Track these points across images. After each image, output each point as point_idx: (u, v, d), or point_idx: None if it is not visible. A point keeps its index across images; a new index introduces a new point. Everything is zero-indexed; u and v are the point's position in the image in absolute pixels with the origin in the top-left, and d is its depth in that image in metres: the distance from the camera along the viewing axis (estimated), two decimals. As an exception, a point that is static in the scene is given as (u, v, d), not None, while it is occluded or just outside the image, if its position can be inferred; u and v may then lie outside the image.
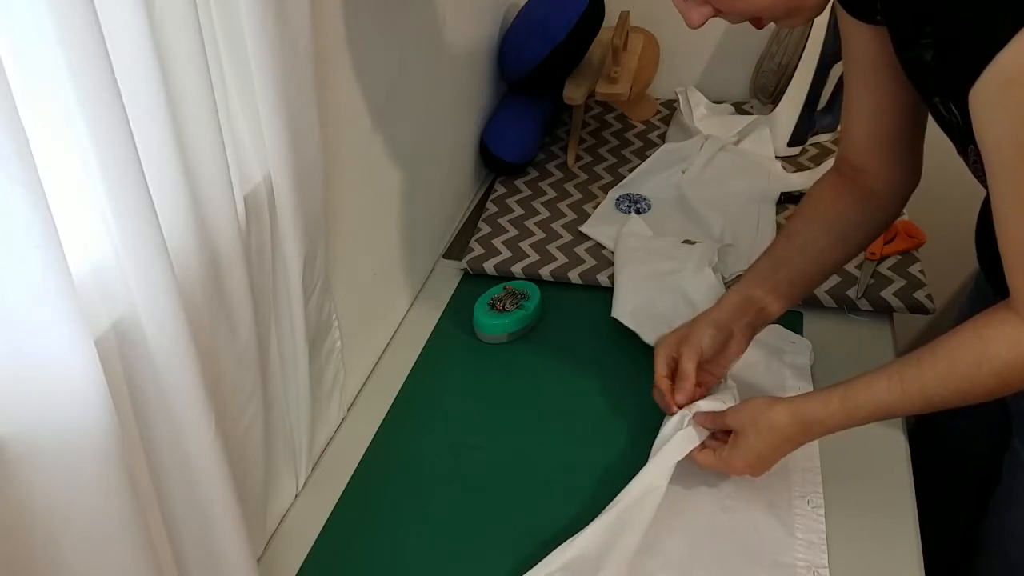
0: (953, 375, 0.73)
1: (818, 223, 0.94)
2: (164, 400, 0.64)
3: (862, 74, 0.86)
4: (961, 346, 0.73)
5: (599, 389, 1.06)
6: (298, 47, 0.75)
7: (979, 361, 0.72)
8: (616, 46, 1.39)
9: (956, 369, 0.73)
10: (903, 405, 0.77)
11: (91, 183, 0.53)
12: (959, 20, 0.61)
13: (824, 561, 0.83)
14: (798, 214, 0.97)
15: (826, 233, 0.94)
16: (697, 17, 0.73)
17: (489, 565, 0.86)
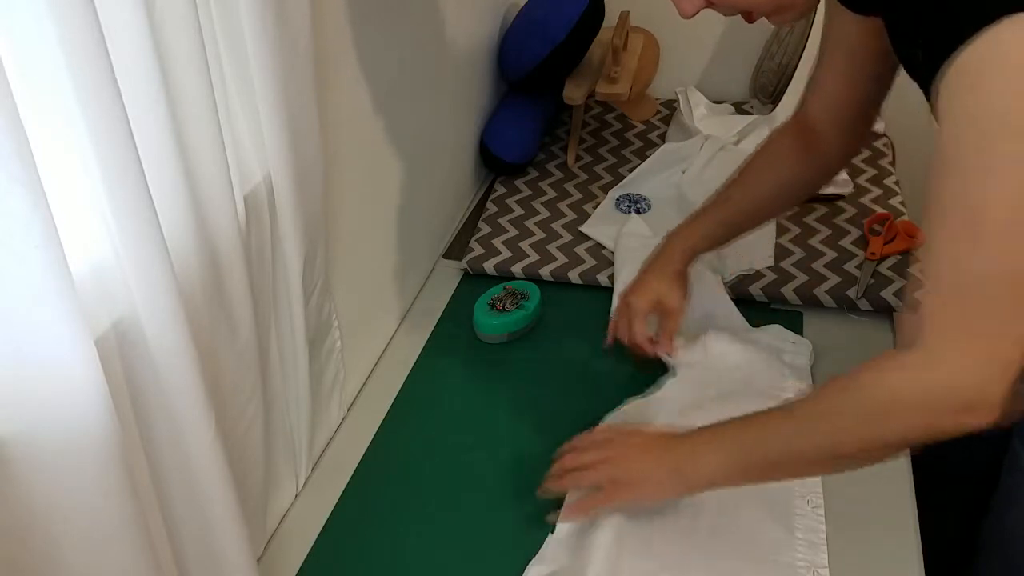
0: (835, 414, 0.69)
1: (773, 179, 1.01)
2: (164, 400, 0.64)
3: (839, 54, 0.89)
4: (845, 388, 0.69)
5: (599, 389, 1.06)
6: (298, 47, 0.75)
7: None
8: (616, 46, 1.39)
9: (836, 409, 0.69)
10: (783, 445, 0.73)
11: (91, 183, 0.53)
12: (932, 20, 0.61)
13: (824, 561, 0.83)
14: (752, 168, 1.02)
15: (779, 188, 1.01)
16: (689, 8, 0.73)
17: (489, 565, 0.86)
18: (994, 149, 0.56)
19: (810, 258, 1.21)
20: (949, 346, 0.61)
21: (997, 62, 0.55)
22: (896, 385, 0.65)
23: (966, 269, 0.60)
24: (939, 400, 0.62)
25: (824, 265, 1.20)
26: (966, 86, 0.57)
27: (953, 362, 0.61)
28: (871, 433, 0.67)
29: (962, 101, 0.58)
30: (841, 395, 0.69)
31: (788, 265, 1.20)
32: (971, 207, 0.58)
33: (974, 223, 0.58)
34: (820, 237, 1.25)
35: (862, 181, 1.36)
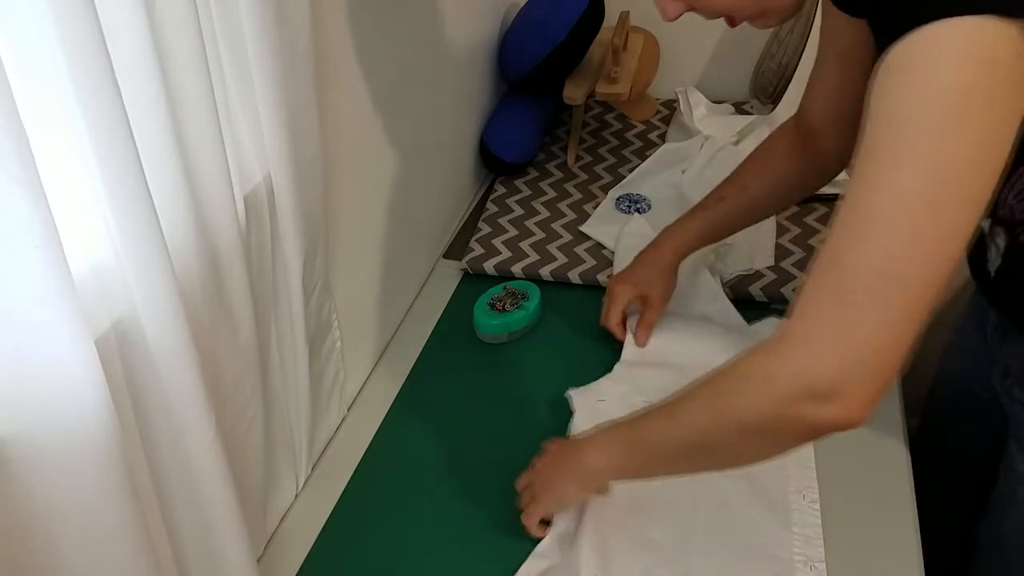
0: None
1: (771, 178, 1.01)
2: (164, 400, 0.64)
3: (834, 56, 0.89)
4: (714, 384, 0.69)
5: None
6: (298, 47, 0.75)
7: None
8: (616, 46, 1.39)
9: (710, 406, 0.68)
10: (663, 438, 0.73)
11: (91, 183, 0.53)
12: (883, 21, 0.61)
13: (821, 555, 0.83)
14: (750, 167, 1.03)
15: (775, 188, 1.01)
16: (672, 10, 0.74)
17: (489, 565, 0.86)
18: (913, 141, 0.56)
19: (810, 258, 1.21)
20: (806, 332, 0.60)
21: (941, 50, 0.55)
22: (751, 366, 0.64)
23: (840, 260, 0.59)
24: (787, 384, 0.61)
25: (824, 265, 1.19)
26: (885, 78, 0.58)
27: (806, 348, 0.60)
28: (724, 415, 0.66)
29: (879, 92, 0.58)
30: (704, 381, 0.69)
31: (788, 265, 1.20)
32: (859, 201, 0.58)
33: (860, 213, 0.58)
34: (820, 237, 1.25)
35: (862, 181, 1.36)
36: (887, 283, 0.57)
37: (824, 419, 0.60)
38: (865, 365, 0.58)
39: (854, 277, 0.58)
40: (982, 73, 0.54)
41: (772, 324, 1.09)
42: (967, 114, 0.55)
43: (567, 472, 0.83)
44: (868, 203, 0.58)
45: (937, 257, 0.57)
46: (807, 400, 0.60)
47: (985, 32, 0.53)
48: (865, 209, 0.58)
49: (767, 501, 0.88)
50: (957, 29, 0.54)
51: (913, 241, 0.57)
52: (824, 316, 0.59)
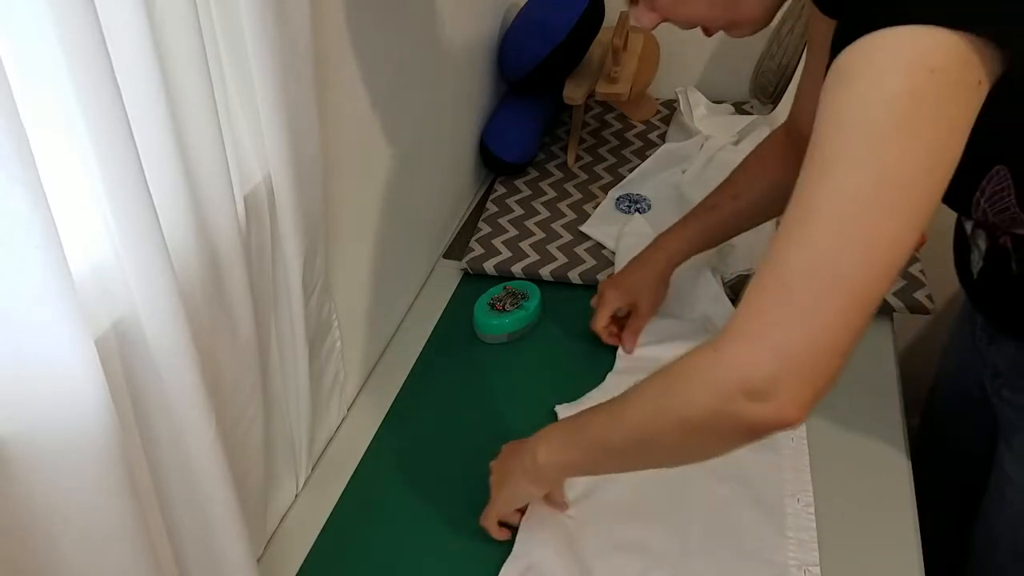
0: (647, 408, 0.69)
1: (762, 186, 1.01)
2: (164, 400, 0.64)
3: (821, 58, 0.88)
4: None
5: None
6: (298, 47, 0.75)
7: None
8: (616, 46, 1.39)
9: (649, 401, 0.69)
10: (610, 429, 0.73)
11: (91, 183, 0.53)
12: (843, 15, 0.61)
13: (815, 559, 0.83)
14: (742, 174, 1.04)
15: (767, 196, 1.00)
16: (647, 20, 0.75)
17: (489, 565, 0.86)
18: (850, 145, 0.57)
19: (810, 258, 1.21)
20: (746, 331, 0.60)
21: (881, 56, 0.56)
22: (695, 362, 0.64)
23: (781, 259, 0.59)
24: (725, 381, 0.60)
25: (824, 265, 1.19)
26: (833, 80, 0.58)
27: (745, 346, 0.60)
28: (664, 413, 0.66)
29: (827, 94, 0.59)
30: (654, 377, 0.69)
31: (788, 265, 1.20)
32: (801, 201, 0.59)
33: (806, 217, 0.58)
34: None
35: (862, 181, 1.36)
36: (824, 283, 0.57)
37: (760, 418, 0.59)
38: (801, 366, 0.58)
39: (792, 276, 0.58)
40: (927, 81, 0.54)
41: None
42: (911, 121, 0.55)
43: (520, 469, 0.81)
44: (809, 203, 0.58)
45: (875, 260, 0.57)
46: (744, 398, 0.59)
47: (931, 41, 0.54)
48: (806, 209, 0.58)
49: (761, 505, 0.88)
50: (904, 37, 0.54)
51: (851, 241, 0.56)
52: (764, 315, 0.59)
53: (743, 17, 0.75)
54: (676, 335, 1.10)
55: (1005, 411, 0.91)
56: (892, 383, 1.03)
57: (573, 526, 0.88)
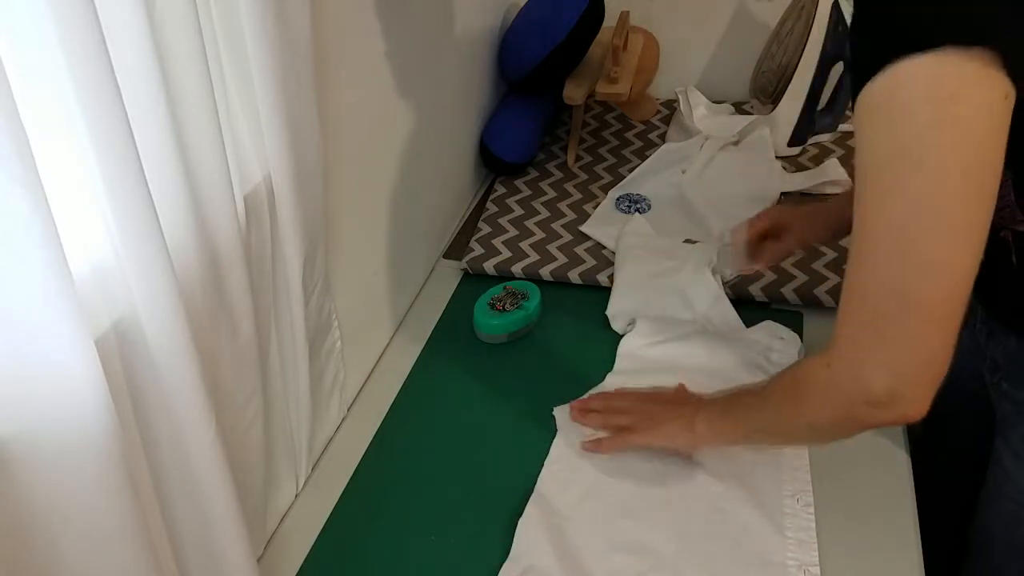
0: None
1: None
2: (164, 400, 0.64)
3: None
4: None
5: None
6: (298, 47, 0.75)
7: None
8: (616, 46, 1.39)
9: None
10: (745, 419, 0.84)
11: (91, 183, 0.53)
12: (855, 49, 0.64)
13: (815, 559, 0.83)
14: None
15: None
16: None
17: (488, 565, 0.86)
18: (894, 178, 0.61)
19: (810, 258, 1.21)
20: (849, 353, 0.67)
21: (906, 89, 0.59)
22: (810, 373, 0.73)
23: (858, 289, 0.66)
24: (846, 397, 0.68)
25: (824, 265, 1.20)
26: (864, 118, 0.62)
27: (854, 367, 0.67)
28: (801, 413, 0.75)
29: (862, 131, 0.63)
30: (785, 376, 0.80)
31: (788, 265, 1.20)
32: (869, 228, 0.64)
33: (870, 243, 0.64)
34: (820, 237, 1.25)
35: (862, 181, 1.36)
36: (900, 305, 0.63)
37: (885, 419, 0.67)
38: (910, 373, 0.64)
39: (874, 303, 0.64)
40: (948, 108, 0.58)
41: (768, 328, 1.09)
42: (939, 149, 0.58)
43: (679, 427, 0.90)
44: (869, 237, 0.64)
45: (939, 280, 0.62)
46: (868, 407, 0.66)
47: (945, 68, 0.57)
48: (868, 242, 0.64)
49: (761, 505, 0.88)
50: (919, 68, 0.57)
51: (911, 267, 0.62)
52: (859, 338, 0.66)
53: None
54: (676, 335, 1.10)
55: (1003, 406, 0.92)
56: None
57: (572, 527, 0.88)
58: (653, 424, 0.93)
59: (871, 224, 0.63)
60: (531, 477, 0.95)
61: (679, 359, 1.06)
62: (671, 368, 1.05)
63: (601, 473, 0.94)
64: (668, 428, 0.92)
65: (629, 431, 0.94)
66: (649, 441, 0.93)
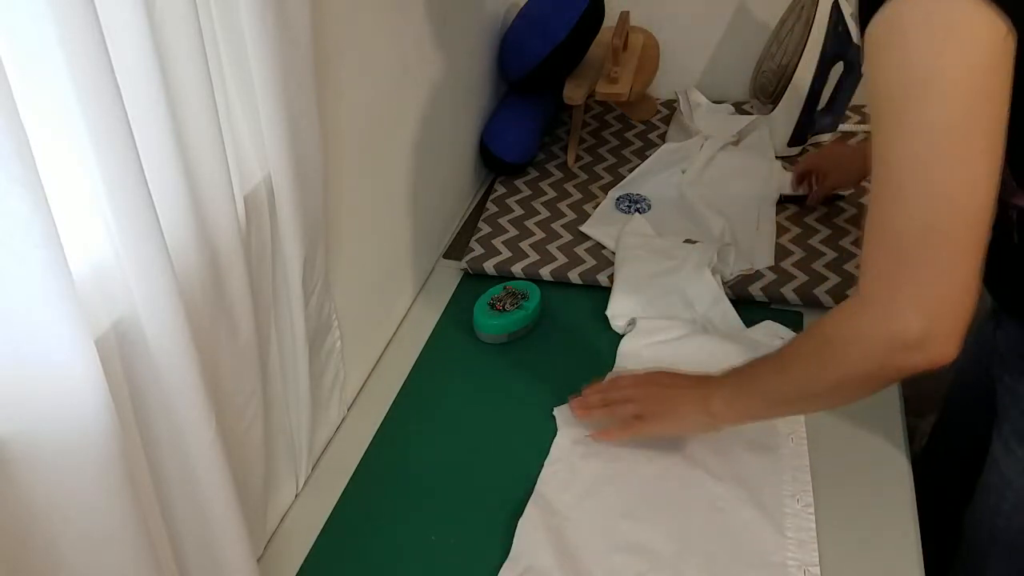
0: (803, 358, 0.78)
1: None
2: (164, 400, 0.64)
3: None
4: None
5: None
6: (298, 47, 0.75)
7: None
8: (616, 46, 1.39)
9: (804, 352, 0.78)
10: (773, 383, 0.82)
11: (91, 183, 0.53)
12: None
13: (815, 560, 0.83)
14: None
15: None
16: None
17: (488, 565, 0.86)
18: (904, 111, 0.62)
19: (810, 258, 1.21)
20: (880, 295, 0.67)
21: (906, 25, 0.61)
22: (840, 326, 0.72)
23: (886, 227, 0.66)
24: (880, 342, 0.68)
25: (824, 265, 1.20)
26: (872, 55, 0.63)
27: (885, 309, 0.67)
28: (830, 371, 0.74)
29: (878, 61, 0.64)
30: (806, 339, 0.80)
31: (788, 265, 1.20)
32: (888, 165, 0.65)
33: (890, 180, 0.65)
34: (820, 237, 1.25)
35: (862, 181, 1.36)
36: (931, 238, 0.63)
37: (920, 364, 0.67)
38: (941, 309, 0.65)
39: (903, 240, 0.65)
40: (946, 39, 0.60)
41: (768, 328, 1.09)
42: (945, 77, 0.60)
43: (693, 412, 0.88)
44: (889, 175, 0.65)
45: (962, 207, 0.63)
46: (902, 351, 0.67)
47: (941, 4, 0.59)
48: (889, 180, 0.65)
49: (761, 506, 0.88)
50: (916, 4, 0.60)
51: (933, 197, 0.63)
52: (890, 278, 0.66)
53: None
54: (676, 335, 1.10)
55: (1003, 398, 0.92)
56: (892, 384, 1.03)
57: (572, 527, 0.88)
58: (664, 409, 0.91)
59: (890, 162, 0.64)
60: (531, 477, 0.95)
61: (679, 359, 1.06)
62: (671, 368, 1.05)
63: (601, 473, 0.94)
64: (682, 413, 0.90)
65: (639, 419, 0.92)
66: (663, 429, 0.92)
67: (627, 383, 0.96)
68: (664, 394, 0.92)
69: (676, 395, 0.91)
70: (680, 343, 1.08)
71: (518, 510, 0.90)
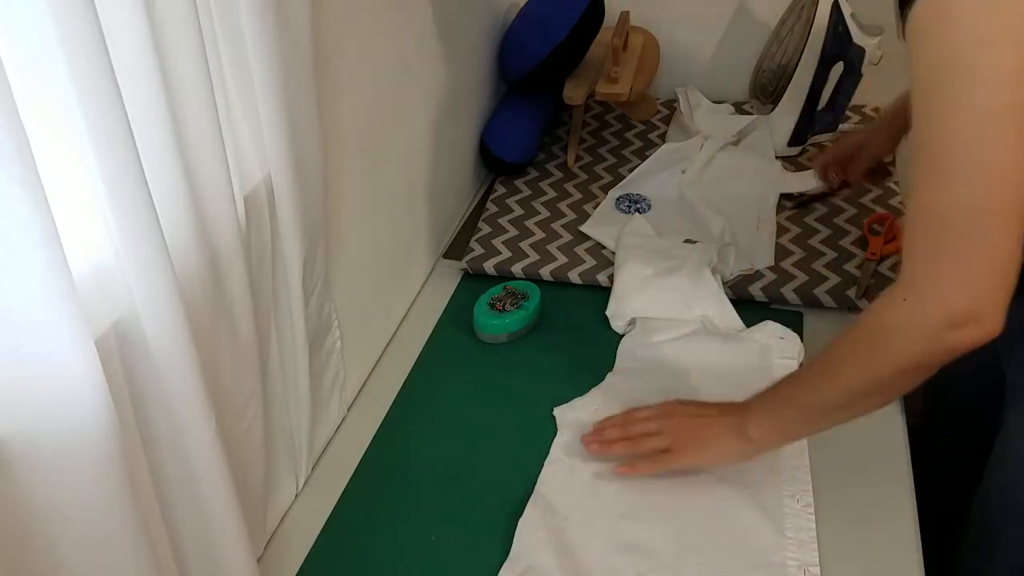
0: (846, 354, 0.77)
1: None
2: (164, 400, 0.64)
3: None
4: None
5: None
6: (298, 47, 0.75)
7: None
8: (616, 46, 1.39)
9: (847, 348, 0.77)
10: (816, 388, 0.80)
11: (91, 183, 0.53)
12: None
13: (815, 560, 0.83)
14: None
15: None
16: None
17: (488, 565, 0.86)
18: (951, 91, 0.62)
19: (810, 258, 1.21)
20: (927, 276, 0.68)
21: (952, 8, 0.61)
22: (887, 316, 0.72)
23: (932, 207, 0.67)
24: (931, 324, 0.68)
25: (824, 265, 1.20)
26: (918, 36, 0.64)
27: (934, 288, 0.67)
28: (883, 363, 0.73)
29: (918, 50, 0.64)
30: (849, 338, 0.76)
31: (788, 265, 1.20)
32: (933, 146, 0.65)
33: (935, 161, 0.65)
34: (820, 237, 1.25)
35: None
36: (978, 217, 0.64)
37: (971, 340, 0.67)
38: (988, 285, 0.66)
39: (949, 219, 0.65)
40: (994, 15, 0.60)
41: (768, 328, 1.09)
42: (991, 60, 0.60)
43: (728, 443, 0.85)
44: (940, 153, 0.65)
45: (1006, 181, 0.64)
46: (951, 329, 0.67)
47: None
48: (939, 158, 0.65)
49: (761, 506, 0.88)
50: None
51: (986, 176, 0.64)
52: (937, 258, 0.67)
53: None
54: (676, 335, 1.10)
55: (1011, 377, 0.92)
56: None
57: (572, 527, 0.88)
58: (697, 442, 0.87)
59: (933, 142, 0.64)
60: (531, 477, 0.95)
61: (679, 359, 1.07)
62: (671, 368, 1.05)
63: (601, 473, 0.94)
64: (716, 443, 0.86)
65: (669, 452, 0.88)
66: (696, 461, 0.88)
67: (648, 415, 0.92)
68: (692, 424, 0.88)
69: (706, 425, 0.87)
70: (680, 343, 1.08)
71: (518, 510, 0.91)
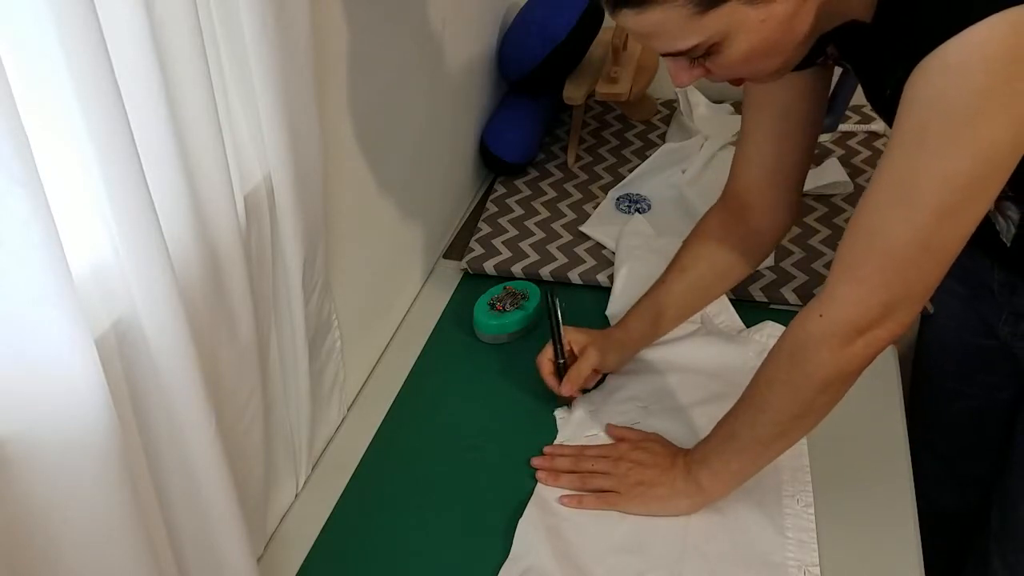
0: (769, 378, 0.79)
1: (706, 260, 0.99)
2: (164, 400, 0.64)
3: (768, 118, 0.89)
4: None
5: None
6: (298, 47, 0.75)
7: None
8: (616, 46, 1.39)
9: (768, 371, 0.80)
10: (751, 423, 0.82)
11: (91, 183, 0.53)
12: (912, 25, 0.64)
13: (815, 560, 0.83)
14: (686, 250, 1.01)
15: (713, 270, 0.99)
16: (687, 79, 0.72)
17: (488, 565, 0.86)
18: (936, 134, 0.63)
19: (810, 258, 1.21)
20: (852, 295, 0.71)
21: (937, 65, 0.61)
22: (803, 332, 0.74)
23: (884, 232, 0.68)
24: (840, 330, 0.71)
25: (824, 265, 1.20)
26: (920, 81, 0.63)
27: (851, 308, 0.71)
28: (807, 383, 0.75)
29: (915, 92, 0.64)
30: (770, 365, 0.79)
31: (788, 265, 1.20)
32: (905, 181, 0.66)
33: (903, 196, 0.66)
34: (820, 237, 1.25)
35: (862, 181, 1.36)
36: (925, 253, 0.67)
37: (884, 339, 0.71)
38: (907, 310, 0.70)
39: (896, 248, 0.67)
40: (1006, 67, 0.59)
41: (767, 328, 1.09)
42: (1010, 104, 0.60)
43: (678, 491, 0.87)
44: (915, 184, 0.65)
45: (965, 229, 0.66)
46: (869, 330, 0.71)
47: (1016, 29, 0.58)
48: (912, 189, 0.65)
49: (760, 505, 0.88)
50: (992, 30, 0.59)
51: (953, 220, 0.66)
52: (869, 280, 0.70)
53: (788, 63, 0.73)
54: (676, 335, 1.09)
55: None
56: (892, 384, 1.03)
57: (572, 527, 0.88)
58: (646, 497, 0.88)
59: (919, 175, 0.64)
60: (531, 477, 0.95)
61: (679, 359, 1.06)
62: (671, 368, 1.05)
63: None
64: (664, 496, 0.87)
65: (615, 495, 0.89)
66: (641, 510, 0.88)
67: (597, 453, 0.93)
68: (638, 475, 0.89)
69: (654, 478, 0.88)
70: (680, 343, 1.08)
71: (518, 510, 0.91)
